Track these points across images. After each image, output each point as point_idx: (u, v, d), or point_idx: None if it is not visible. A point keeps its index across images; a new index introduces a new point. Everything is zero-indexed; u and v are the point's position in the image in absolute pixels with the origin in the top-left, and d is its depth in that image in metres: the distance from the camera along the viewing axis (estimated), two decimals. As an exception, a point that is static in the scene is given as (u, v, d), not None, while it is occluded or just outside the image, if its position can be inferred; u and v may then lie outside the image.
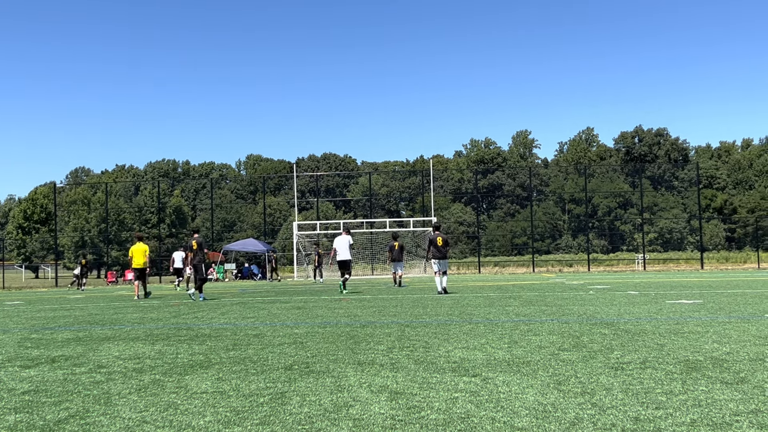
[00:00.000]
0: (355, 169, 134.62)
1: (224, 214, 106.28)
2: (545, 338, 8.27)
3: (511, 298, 16.67)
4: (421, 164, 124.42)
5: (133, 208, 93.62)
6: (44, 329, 11.72)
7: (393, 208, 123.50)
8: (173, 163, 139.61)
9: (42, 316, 15.43)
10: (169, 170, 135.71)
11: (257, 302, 17.94)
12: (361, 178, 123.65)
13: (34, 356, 7.95)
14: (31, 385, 5.96)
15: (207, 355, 7.57)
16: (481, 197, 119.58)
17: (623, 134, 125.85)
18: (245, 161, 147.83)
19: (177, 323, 11.99)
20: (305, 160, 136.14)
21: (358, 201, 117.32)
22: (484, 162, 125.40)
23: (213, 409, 4.80)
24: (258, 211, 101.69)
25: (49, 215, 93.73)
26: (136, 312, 15.54)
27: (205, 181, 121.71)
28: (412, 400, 4.94)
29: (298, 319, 11.95)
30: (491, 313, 12.27)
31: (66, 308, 18.28)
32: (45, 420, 4.60)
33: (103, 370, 6.67)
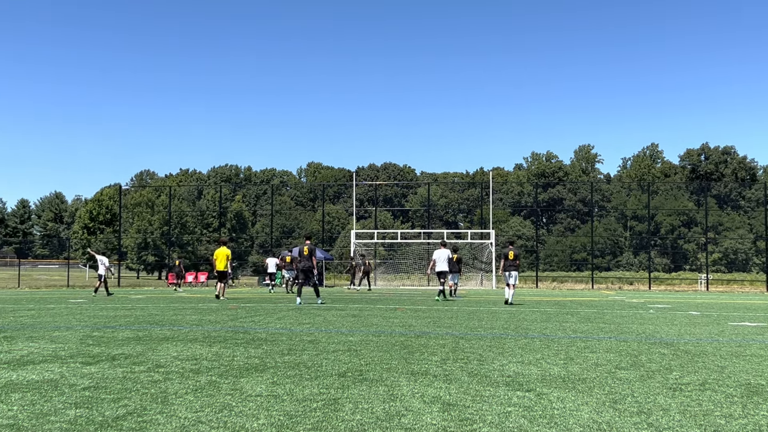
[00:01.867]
0: (414, 179, 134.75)
1: (283, 220, 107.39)
2: (602, 356, 8.15)
3: (568, 314, 16.47)
4: (480, 176, 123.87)
5: (195, 212, 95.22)
6: (106, 327, 11.99)
7: (451, 219, 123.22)
8: (236, 168, 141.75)
9: (104, 314, 15.79)
10: (231, 175, 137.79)
11: (313, 308, 18.06)
12: (420, 189, 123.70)
13: (95, 353, 8.15)
14: (91, 382, 6.11)
15: (262, 358, 7.65)
16: (541, 211, 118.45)
17: (689, 151, 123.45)
18: (306, 168, 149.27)
19: (234, 326, 12.15)
20: (365, 169, 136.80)
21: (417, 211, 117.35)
22: (545, 175, 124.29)
23: (267, 412, 4.86)
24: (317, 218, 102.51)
25: (113, 216, 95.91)
26: (194, 314, 15.79)
27: (266, 187, 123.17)
28: (464, 412, 4.93)
29: (353, 327, 12.00)
30: (548, 329, 12.14)
31: (127, 308, 18.67)
32: (104, 416, 4.71)
33: (161, 370, 6.80)
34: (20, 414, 4.76)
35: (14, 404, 5.10)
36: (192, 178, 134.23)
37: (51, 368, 6.93)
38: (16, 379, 6.23)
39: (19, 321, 13.67)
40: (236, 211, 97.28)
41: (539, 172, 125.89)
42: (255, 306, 19.48)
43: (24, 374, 6.54)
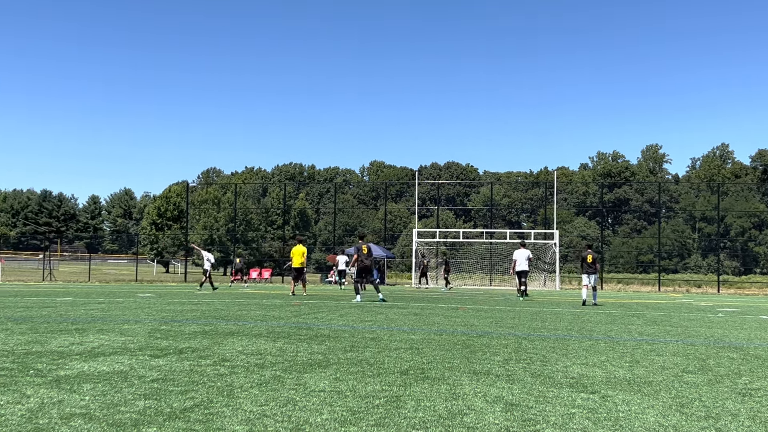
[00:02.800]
0: (477, 178, 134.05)
1: (346, 218, 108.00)
2: (669, 359, 8.00)
3: (634, 317, 16.19)
4: (544, 176, 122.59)
5: (260, 209, 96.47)
6: (173, 321, 12.25)
7: (514, 219, 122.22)
8: (299, 166, 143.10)
9: (171, 309, 16.12)
10: (295, 174, 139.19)
11: (375, 306, 18.13)
12: (482, 188, 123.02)
13: (163, 347, 8.33)
14: (159, 374, 6.26)
15: (326, 354, 7.73)
16: (607, 212, 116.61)
17: (761, 152, 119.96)
18: (368, 167, 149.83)
19: (297, 323, 12.29)
20: (427, 168, 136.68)
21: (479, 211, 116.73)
22: (611, 175, 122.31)
23: (330, 407, 4.91)
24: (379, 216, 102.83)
25: (181, 213, 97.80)
26: (259, 310, 16.01)
27: (329, 186, 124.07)
28: (527, 412, 4.90)
29: (415, 326, 12.02)
30: (612, 331, 11.96)
31: (194, 303, 19.03)
32: (172, 408, 4.82)
33: (226, 364, 6.93)
34: (92, 403, 4.91)
35: (86, 394, 5.25)
36: (257, 176, 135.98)
37: (121, 360, 7.12)
38: (88, 370, 6.42)
39: (90, 314, 14.06)
40: (300, 209, 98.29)
41: (605, 171, 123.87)
42: (318, 303, 19.65)
43: (95, 365, 6.73)
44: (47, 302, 18.60)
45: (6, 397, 5.07)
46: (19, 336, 9.39)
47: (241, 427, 4.26)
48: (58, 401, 4.97)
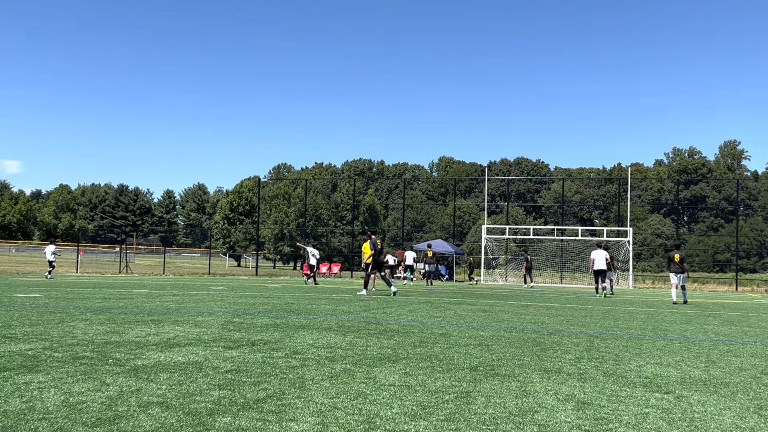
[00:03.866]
0: (548, 174, 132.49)
1: (414, 214, 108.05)
2: (746, 360, 7.78)
3: (710, 317, 15.79)
4: (618, 172, 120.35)
5: (329, 205, 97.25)
6: (245, 314, 12.46)
7: (586, 216, 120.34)
8: (369, 162, 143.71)
9: (243, 302, 16.40)
10: (364, 169, 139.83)
11: (444, 302, 18.11)
12: (553, 184, 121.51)
13: (236, 338, 8.49)
14: (233, 365, 6.38)
15: (395, 349, 7.76)
16: (682, 209, 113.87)
17: None
18: (437, 163, 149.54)
19: (367, 317, 12.36)
20: (497, 164, 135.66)
21: (550, 207, 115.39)
22: (687, 172, 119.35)
23: (400, 401, 4.93)
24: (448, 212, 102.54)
25: (252, 208, 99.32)
26: (328, 304, 16.16)
27: (398, 181, 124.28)
28: (600, 411, 4.83)
29: (484, 322, 11.96)
30: (688, 331, 11.69)
31: (265, 296, 19.32)
32: (245, 398, 4.92)
33: (298, 356, 7.02)
34: (168, 393, 5.04)
35: (163, 383, 5.39)
36: (327, 172, 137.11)
37: (195, 351, 7.28)
38: (164, 360, 6.59)
39: (165, 306, 14.41)
40: (369, 205, 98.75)
41: (681, 168, 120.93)
42: (387, 298, 19.72)
43: (171, 356, 6.90)
44: (124, 294, 19.13)
45: (87, 385, 5.24)
46: (98, 326, 9.69)
47: (312, 419, 4.32)
48: (136, 390, 5.12)
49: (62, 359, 6.51)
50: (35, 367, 6.00)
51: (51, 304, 14.31)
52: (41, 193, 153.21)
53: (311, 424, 4.19)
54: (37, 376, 5.59)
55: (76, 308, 13.11)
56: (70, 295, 18.03)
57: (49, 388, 5.11)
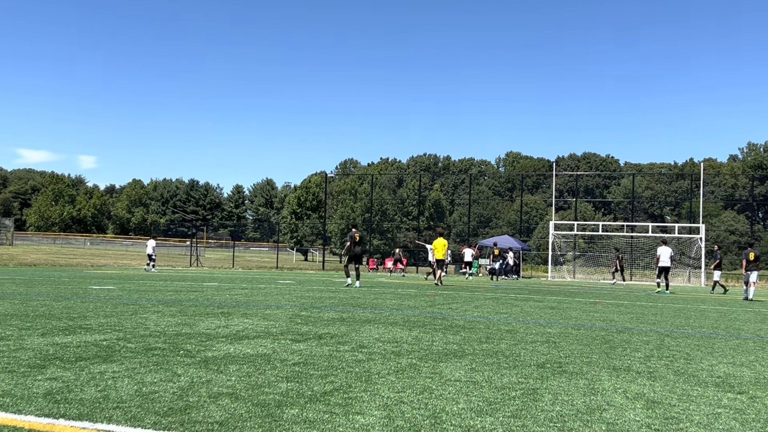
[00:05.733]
0: (618, 169, 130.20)
1: (481, 209, 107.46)
2: (826, 362, 7.52)
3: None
4: (690, 167, 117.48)
5: (395, 200, 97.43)
6: (312, 308, 12.59)
7: (656, 212, 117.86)
8: (434, 157, 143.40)
9: (310, 295, 16.57)
10: (430, 164, 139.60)
11: (510, 299, 17.98)
12: (623, 180, 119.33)
13: (303, 332, 8.59)
14: (300, 358, 6.46)
15: (461, 345, 7.74)
16: (757, 205, 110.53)
17: None
18: (504, 158, 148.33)
19: (432, 312, 12.36)
20: (565, 159, 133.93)
21: (619, 203, 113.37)
22: (763, 167, 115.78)
23: (466, 397, 4.92)
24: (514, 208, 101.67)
25: (319, 203, 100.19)
26: (394, 299, 16.21)
27: (464, 177, 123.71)
28: (670, 410, 4.74)
29: (551, 319, 11.84)
30: (762, 330, 11.37)
31: (331, 290, 19.48)
32: (312, 391, 4.97)
33: (364, 350, 7.06)
34: (238, 384, 5.13)
35: (232, 375, 5.49)
36: (393, 167, 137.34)
37: (264, 343, 7.39)
38: (234, 352, 6.70)
39: (235, 299, 14.65)
40: (434, 200, 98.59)
41: (756, 163, 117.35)
42: (452, 294, 19.68)
43: (240, 348, 7.02)
44: (194, 287, 19.53)
45: (159, 375, 5.37)
46: (169, 318, 9.91)
47: (379, 413, 4.34)
48: (207, 381, 5.22)
49: (135, 350, 6.68)
50: (110, 357, 6.18)
51: (124, 296, 14.70)
52: (115, 187, 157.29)
53: (377, 418, 4.21)
54: (112, 366, 5.76)
55: (149, 300, 13.44)
56: (142, 287, 18.48)
57: (123, 377, 5.26)
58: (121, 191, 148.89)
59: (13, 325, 8.53)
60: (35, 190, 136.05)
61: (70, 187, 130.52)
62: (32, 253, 54.97)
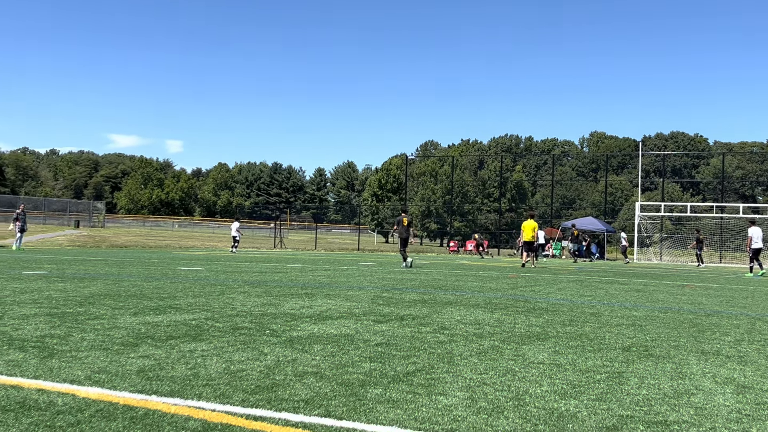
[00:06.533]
0: (707, 149, 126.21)
1: (564, 191, 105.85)
2: None
3: None
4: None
5: (476, 182, 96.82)
6: (393, 289, 12.67)
7: (747, 192, 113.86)
8: (516, 138, 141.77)
9: (391, 277, 16.67)
10: (511, 145, 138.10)
11: (594, 281, 17.70)
12: (712, 159, 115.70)
13: (385, 313, 8.66)
14: (383, 338, 6.52)
15: (544, 327, 7.67)
16: None
17: None
18: (588, 138, 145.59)
19: (514, 294, 12.28)
20: (651, 138, 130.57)
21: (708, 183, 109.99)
22: None
23: (549, 379, 4.89)
24: (599, 189, 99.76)
25: (400, 185, 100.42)
26: (475, 281, 16.16)
27: (547, 158, 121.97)
28: (762, 396, 4.61)
29: (637, 302, 11.61)
30: None
31: (412, 272, 19.54)
32: (395, 371, 5.02)
33: (446, 332, 7.08)
34: (322, 363, 5.22)
35: (317, 354, 5.59)
36: (473, 149, 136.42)
37: (347, 324, 7.49)
38: (318, 332, 6.82)
39: (318, 280, 14.86)
40: (516, 181, 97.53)
41: None
42: (534, 276, 19.49)
43: (324, 328, 7.13)
44: (279, 268, 19.88)
45: (246, 354, 5.51)
46: (255, 298, 10.13)
47: (461, 394, 4.36)
48: (292, 360, 5.33)
49: (223, 329, 6.87)
50: (198, 336, 6.36)
51: (212, 277, 15.08)
52: (201, 171, 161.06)
53: (460, 399, 4.23)
54: (201, 344, 5.93)
55: (235, 281, 13.76)
56: (228, 268, 18.92)
57: (211, 356, 5.41)
58: (207, 175, 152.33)
59: (107, 304, 8.86)
60: (125, 174, 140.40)
61: (159, 171, 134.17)
62: (123, 235, 56.84)
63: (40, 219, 72.46)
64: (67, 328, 6.69)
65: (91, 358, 5.17)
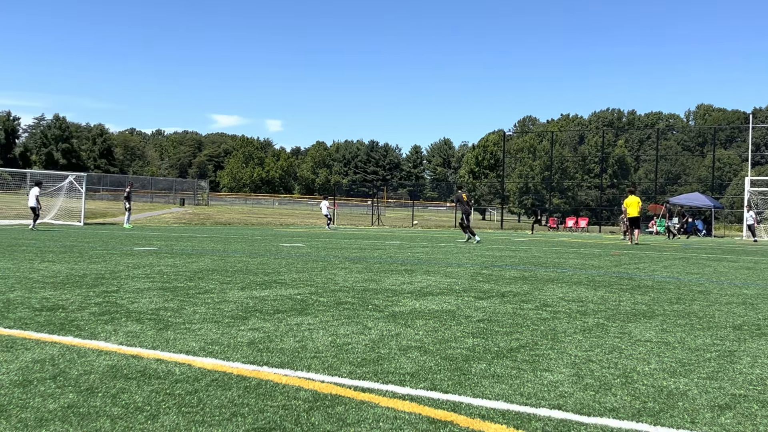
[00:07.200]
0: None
1: (668, 166, 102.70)
2: None
3: None
4: None
5: (576, 157, 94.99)
6: (493, 266, 12.62)
7: None
8: (618, 112, 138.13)
9: (490, 254, 16.59)
10: (613, 120, 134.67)
11: (701, 259, 17.16)
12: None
13: (485, 289, 8.65)
14: (484, 315, 6.52)
15: (650, 305, 7.51)
16: None
17: None
18: (695, 111, 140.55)
19: (618, 272, 12.04)
20: (762, 110, 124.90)
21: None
22: None
23: (657, 357, 4.80)
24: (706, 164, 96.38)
25: (497, 162, 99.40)
26: (577, 258, 15.92)
27: (650, 132, 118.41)
28: None
29: (748, 280, 11.20)
30: None
31: (511, 249, 19.40)
32: (499, 347, 5.02)
33: (548, 309, 7.02)
34: (425, 338, 5.27)
35: (419, 329, 5.64)
36: (573, 123, 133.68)
37: (448, 300, 7.52)
38: (419, 308, 6.88)
39: (416, 257, 14.94)
40: (618, 157, 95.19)
41: None
42: (638, 253, 19.04)
43: (425, 304, 7.19)
44: (377, 245, 20.08)
45: (351, 328, 5.61)
46: (356, 274, 10.29)
47: (567, 370, 4.33)
48: (396, 334, 5.40)
49: (327, 304, 7.01)
50: (304, 311, 6.52)
51: (313, 253, 15.37)
52: (300, 149, 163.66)
53: (566, 375, 4.20)
54: (307, 318, 6.08)
55: (336, 257, 13.99)
56: (329, 245, 19.24)
57: (317, 329, 5.54)
58: (305, 153, 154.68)
59: (215, 279, 9.17)
60: (227, 153, 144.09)
61: (259, 150, 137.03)
62: (226, 213, 58.43)
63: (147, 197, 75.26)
64: (180, 301, 6.97)
65: (203, 330, 5.38)
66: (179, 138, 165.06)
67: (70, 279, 8.78)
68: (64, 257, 12.51)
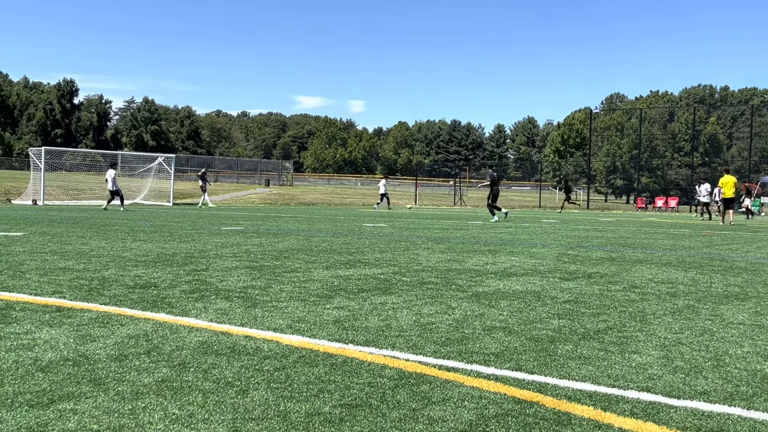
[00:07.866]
0: None
1: (763, 143, 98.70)
2: None
3: None
4: None
5: (666, 135, 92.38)
6: (579, 247, 12.43)
7: None
8: (710, 88, 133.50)
9: (576, 235, 16.34)
10: (705, 96, 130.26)
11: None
12: None
13: (571, 270, 8.53)
14: (570, 296, 6.44)
15: (743, 287, 7.28)
16: None
17: None
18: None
19: (710, 253, 11.70)
20: None
21: None
22: None
23: (751, 341, 4.65)
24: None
25: (583, 140, 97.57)
26: (666, 239, 15.53)
27: (744, 108, 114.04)
28: None
29: None
30: None
31: (598, 229, 19.06)
32: (585, 328, 4.95)
33: (636, 290, 6.88)
34: (510, 319, 5.24)
35: (503, 310, 5.61)
36: (663, 100, 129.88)
37: (532, 281, 7.45)
38: (503, 288, 6.83)
39: (500, 237, 14.83)
40: (710, 134, 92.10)
41: None
42: (731, 234, 18.45)
43: (509, 284, 7.14)
44: (460, 225, 20.01)
45: (434, 308, 5.62)
46: (439, 254, 10.28)
47: (656, 353, 4.24)
48: (479, 314, 5.39)
49: (410, 283, 7.03)
50: (388, 290, 6.56)
51: (395, 233, 15.43)
52: (382, 130, 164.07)
53: (655, 358, 4.11)
54: (391, 297, 6.12)
55: (418, 237, 14.01)
56: (411, 225, 19.27)
57: (401, 308, 5.57)
58: (387, 133, 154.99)
59: (301, 258, 9.31)
60: (311, 134, 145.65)
61: (342, 131, 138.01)
62: (310, 193, 59.16)
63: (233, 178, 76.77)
64: (267, 280, 7.10)
65: (290, 309, 5.48)
66: (264, 119, 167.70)
67: (161, 258, 9.05)
68: (155, 237, 12.90)
